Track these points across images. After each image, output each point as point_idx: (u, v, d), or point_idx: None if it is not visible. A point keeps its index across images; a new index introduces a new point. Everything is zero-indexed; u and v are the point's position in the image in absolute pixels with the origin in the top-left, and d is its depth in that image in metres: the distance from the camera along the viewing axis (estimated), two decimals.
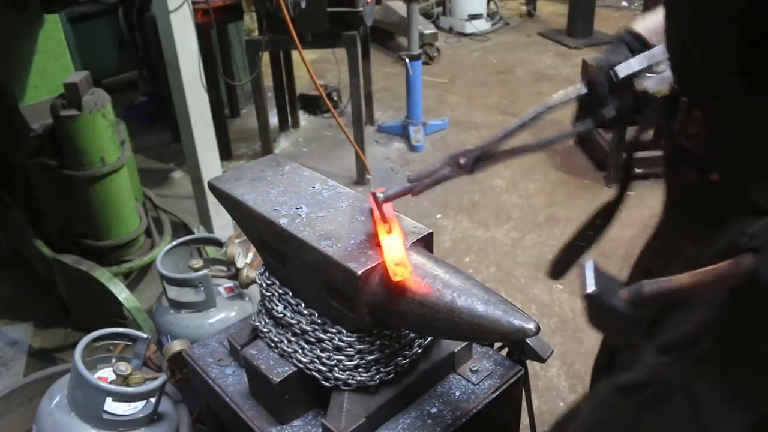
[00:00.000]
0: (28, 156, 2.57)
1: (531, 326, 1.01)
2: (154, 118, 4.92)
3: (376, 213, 1.19)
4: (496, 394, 1.35)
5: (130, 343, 1.95)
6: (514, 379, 1.39)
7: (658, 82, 1.11)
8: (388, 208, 1.21)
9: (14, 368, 2.71)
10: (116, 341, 1.96)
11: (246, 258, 2.08)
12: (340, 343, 1.22)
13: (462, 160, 1.13)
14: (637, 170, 1.36)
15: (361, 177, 4.08)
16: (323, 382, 1.25)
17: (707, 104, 0.98)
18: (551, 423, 1.33)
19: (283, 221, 1.27)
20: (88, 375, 1.59)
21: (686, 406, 0.99)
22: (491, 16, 7.17)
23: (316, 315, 1.26)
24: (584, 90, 1.16)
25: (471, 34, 6.90)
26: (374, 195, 1.16)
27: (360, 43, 3.83)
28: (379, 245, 1.16)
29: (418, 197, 1.23)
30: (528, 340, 1.39)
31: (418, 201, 2.46)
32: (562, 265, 1.33)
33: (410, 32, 4.40)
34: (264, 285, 1.37)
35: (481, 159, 1.14)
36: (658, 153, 1.18)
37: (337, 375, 1.23)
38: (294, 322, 1.29)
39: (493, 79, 5.81)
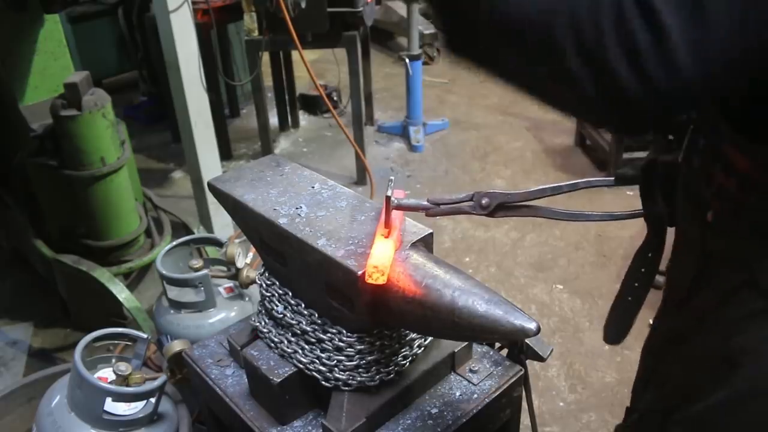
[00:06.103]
0: (28, 156, 2.57)
1: (531, 326, 1.01)
2: (154, 118, 4.92)
3: (383, 215, 1.19)
4: (496, 394, 1.35)
5: (130, 343, 1.95)
6: (514, 379, 1.38)
7: None
8: (397, 214, 1.20)
9: (14, 368, 2.71)
10: (116, 341, 1.96)
11: (246, 258, 2.08)
12: (340, 344, 1.22)
13: (485, 201, 1.13)
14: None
15: (361, 177, 4.08)
16: (323, 382, 1.25)
17: (708, 132, 0.95)
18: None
19: (282, 221, 1.27)
20: (88, 375, 1.59)
21: None
22: None
23: (316, 315, 1.26)
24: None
25: None
26: (387, 198, 1.16)
27: (360, 43, 3.83)
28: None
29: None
30: (528, 340, 1.39)
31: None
32: (616, 328, 1.21)
33: (410, 32, 4.40)
34: (264, 285, 1.37)
35: (504, 206, 1.12)
36: None
37: (337, 375, 1.23)
38: (294, 322, 1.29)
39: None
